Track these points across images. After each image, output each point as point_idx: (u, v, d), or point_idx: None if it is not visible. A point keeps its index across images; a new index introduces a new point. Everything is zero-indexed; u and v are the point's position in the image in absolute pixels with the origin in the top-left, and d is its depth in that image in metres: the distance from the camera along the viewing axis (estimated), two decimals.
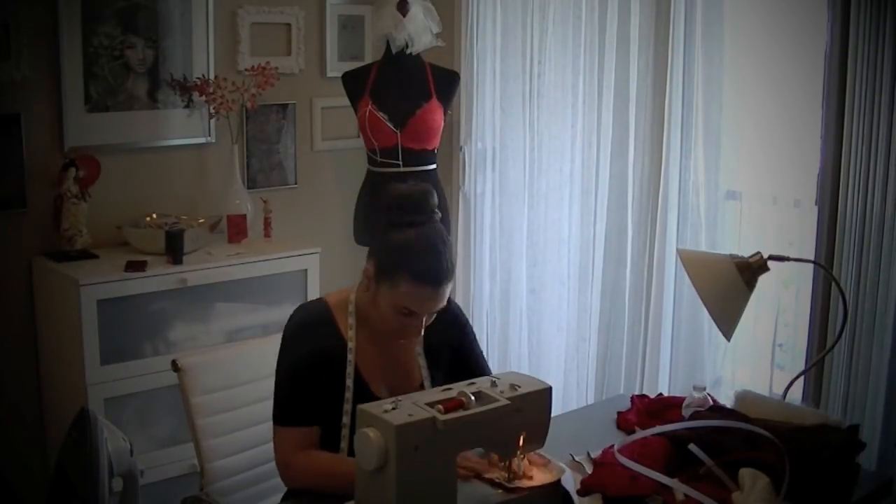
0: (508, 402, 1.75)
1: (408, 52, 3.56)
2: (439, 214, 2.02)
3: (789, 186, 2.99)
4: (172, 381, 2.32)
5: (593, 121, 3.47)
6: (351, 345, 2.04)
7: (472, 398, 1.74)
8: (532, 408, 1.81)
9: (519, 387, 1.81)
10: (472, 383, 1.82)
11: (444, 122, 3.67)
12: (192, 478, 2.69)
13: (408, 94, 3.58)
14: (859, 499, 1.93)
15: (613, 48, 3.38)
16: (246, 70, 3.57)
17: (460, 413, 1.70)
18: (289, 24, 3.74)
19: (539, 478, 1.84)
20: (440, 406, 1.69)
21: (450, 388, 1.79)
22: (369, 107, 3.55)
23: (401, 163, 3.56)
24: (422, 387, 2.10)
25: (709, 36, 3.10)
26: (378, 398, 2.03)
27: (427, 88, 3.61)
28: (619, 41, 3.36)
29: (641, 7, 3.27)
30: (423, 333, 2.06)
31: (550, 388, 1.86)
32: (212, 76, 3.48)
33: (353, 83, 3.66)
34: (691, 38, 3.13)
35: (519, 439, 1.80)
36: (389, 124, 3.53)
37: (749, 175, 3.13)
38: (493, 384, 1.81)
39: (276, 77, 3.55)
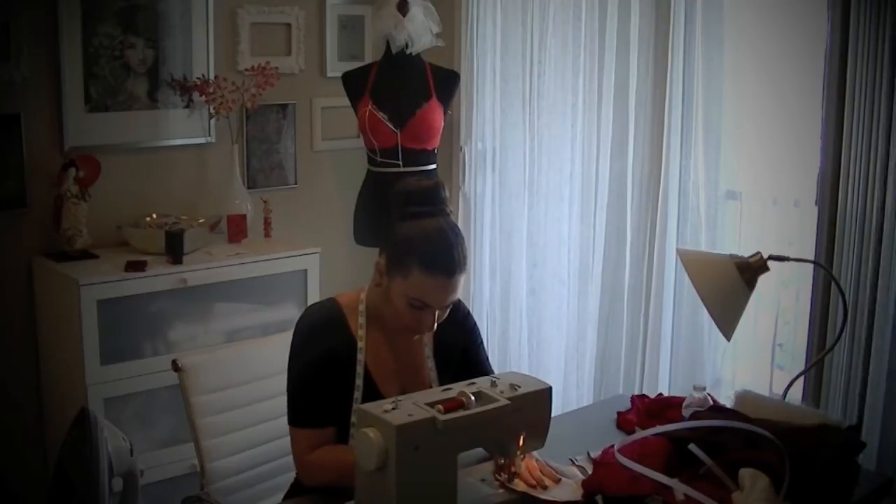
0: (509, 402, 1.75)
1: (408, 52, 3.56)
2: (451, 209, 2.01)
3: (789, 186, 2.99)
4: (172, 381, 2.32)
5: (593, 121, 3.47)
6: (361, 344, 2.03)
7: (473, 398, 1.74)
8: (532, 408, 1.81)
9: (519, 387, 1.81)
10: (472, 383, 1.82)
11: (444, 122, 3.67)
12: (192, 478, 2.70)
13: (407, 94, 3.58)
14: (859, 499, 1.93)
15: (613, 48, 3.38)
16: (246, 70, 3.57)
17: (460, 413, 1.70)
18: (289, 24, 3.74)
19: (557, 493, 1.84)
20: (440, 406, 1.69)
21: (450, 388, 1.79)
22: (369, 107, 3.55)
23: (401, 163, 3.56)
24: (431, 388, 2.09)
25: (709, 36, 3.10)
26: (383, 393, 2.03)
27: (427, 88, 3.61)
28: (619, 41, 3.36)
29: (641, 7, 3.27)
30: (433, 332, 2.05)
31: (550, 388, 1.86)
32: (212, 76, 3.49)
33: (353, 83, 3.66)
34: (691, 37, 3.13)
35: (519, 439, 1.80)
36: (389, 124, 3.53)
37: (749, 175, 3.13)
38: (493, 384, 1.81)
39: (276, 77, 3.55)
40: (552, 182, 3.65)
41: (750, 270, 2.13)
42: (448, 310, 2.01)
